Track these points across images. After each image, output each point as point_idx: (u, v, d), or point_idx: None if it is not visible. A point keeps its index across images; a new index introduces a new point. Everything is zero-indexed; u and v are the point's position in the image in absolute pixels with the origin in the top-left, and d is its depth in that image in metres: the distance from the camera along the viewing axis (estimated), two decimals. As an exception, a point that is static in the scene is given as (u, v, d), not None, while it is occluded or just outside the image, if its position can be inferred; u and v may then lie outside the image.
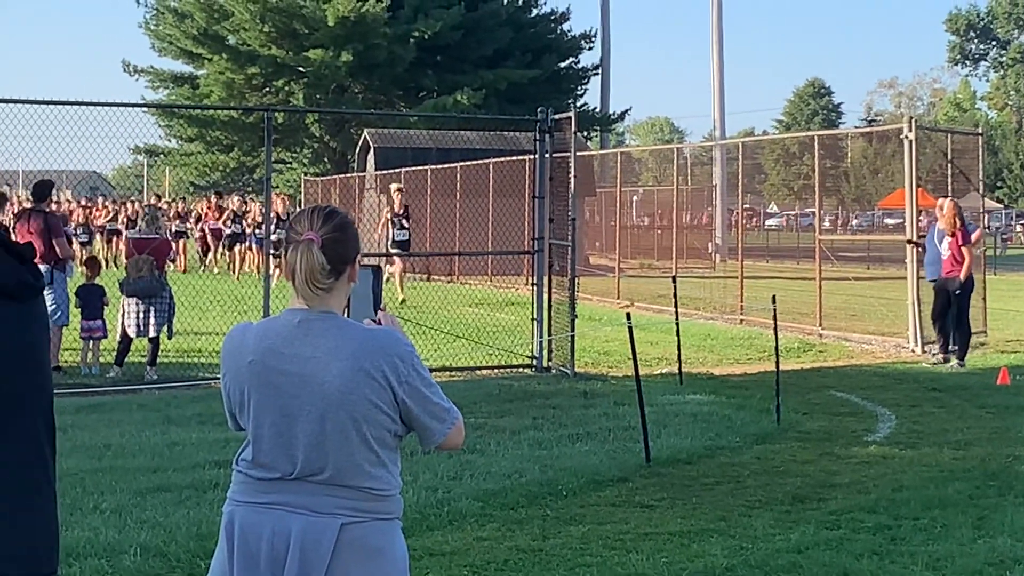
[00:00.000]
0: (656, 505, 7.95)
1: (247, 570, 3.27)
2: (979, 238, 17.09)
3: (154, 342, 13.43)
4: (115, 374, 13.50)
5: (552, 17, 51.27)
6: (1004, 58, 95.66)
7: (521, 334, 16.42)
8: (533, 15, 50.86)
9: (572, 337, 14.07)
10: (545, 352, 14.62)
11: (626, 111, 55.86)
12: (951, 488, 8.28)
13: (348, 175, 39.52)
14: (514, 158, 28.09)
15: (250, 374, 3.32)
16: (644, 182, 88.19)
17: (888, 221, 64.51)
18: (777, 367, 11.37)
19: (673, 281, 14.53)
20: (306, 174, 48.59)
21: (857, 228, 73.40)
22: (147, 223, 14.47)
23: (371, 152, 35.19)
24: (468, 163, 30.26)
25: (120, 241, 30.35)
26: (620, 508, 7.87)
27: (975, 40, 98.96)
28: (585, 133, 47.71)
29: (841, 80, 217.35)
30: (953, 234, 15.18)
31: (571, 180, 14.31)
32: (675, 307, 14.20)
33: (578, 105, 48.31)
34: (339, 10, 43.15)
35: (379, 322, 3.50)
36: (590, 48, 51.80)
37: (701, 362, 15.43)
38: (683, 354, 13.86)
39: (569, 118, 14.68)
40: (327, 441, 3.25)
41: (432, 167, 31.58)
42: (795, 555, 6.68)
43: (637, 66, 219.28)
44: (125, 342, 13.57)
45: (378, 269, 3.61)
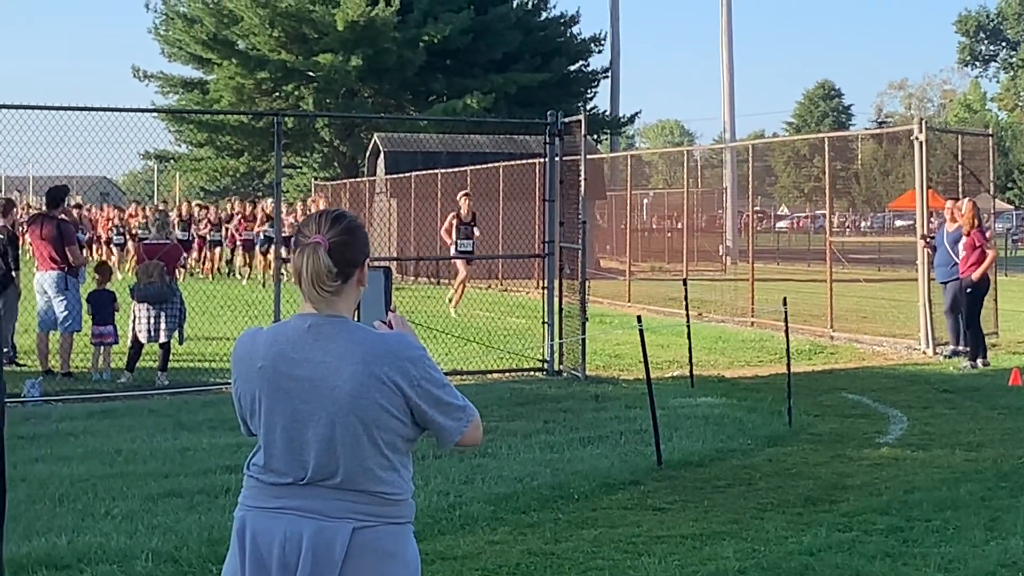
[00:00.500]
0: (668, 508, 7.94)
1: (259, 575, 3.27)
2: (988, 239, 17.12)
3: (165, 347, 13.45)
4: (126, 379, 13.52)
5: (561, 20, 51.33)
6: (1014, 59, 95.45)
7: (532, 338, 16.41)
8: (542, 18, 50.91)
9: (583, 340, 14.06)
10: (556, 355, 14.62)
11: (636, 114, 56.18)
12: (963, 489, 8.26)
13: (358, 179, 39.56)
14: (524, 161, 28.12)
15: (260, 379, 3.32)
16: (654, 185, 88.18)
17: (899, 223, 64.38)
18: (788, 369, 11.35)
19: (684, 284, 14.51)
20: (316, 178, 48.65)
21: (868, 229, 73.24)
22: (157, 228, 14.51)
23: (381, 156, 35.25)
24: (478, 167, 30.27)
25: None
26: (632, 511, 7.86)
27: (985, 41, 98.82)
28: (595, 136, 47.77)
29: (851, 82, 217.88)
30: (969, 233, 15.20)
31: (581, 183, 14.30)
32: (686, 310, 14.18)
33: (588, 108, 48.39)
34: (348, 14, 43.24)
35: (390, 324, 3.47)
36: (600, 51, 51.93)
37: (712, 365, 15.41)
38: (694, 357, 13.85)
39: (579, 121, 14.68)
40: (338, 446, 3.24)
41: (442, 171, 31.62)
42: (807, 557, 6.67)
43: (647, 69, 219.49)
44: (136, 347, 13.58)
45: (388, 271, 3.58)
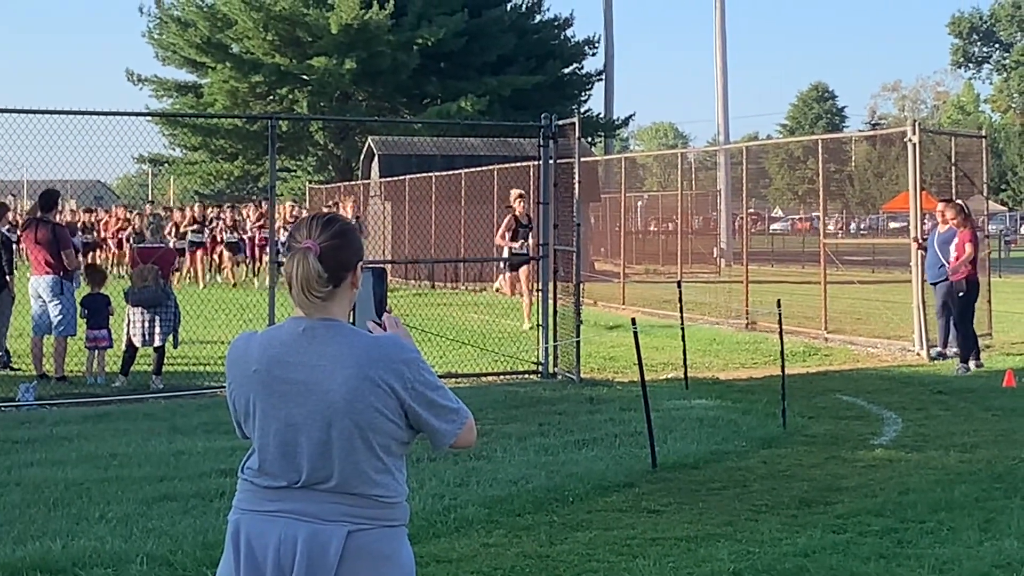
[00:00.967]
0: (663, 510, 7.94)
1: (253, 578, 3.27)
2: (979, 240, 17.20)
3: (159, 351, 13.44)
4: (121, 383, 13.50)
5: (555, 23, 51.37)
6: (1007, 61, 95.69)
7: (526, 340, 16.40)
8: (536, 21, 50.94)
9: (578, 343, 14.06)
10: (551, 358, 14.62)
11: (630, 116, 55.99)
12: (957, 491, 8.26)
13: (353, 182, 39.55)
14: (518, 164, 28.12)
15: (255, 383, 3.32)
16: (648, 187, 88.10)
17: (892, 224, 64.47)
18: (783, 371, 11.36)
19: (678, 286, 14.51)
20: (311, 182, 48.65)
21: (860, 232, 73.36)
22: (151, 232, 14.50)
23: (375, 159, 35.24)
24: (472, 169, 30.29)
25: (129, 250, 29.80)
26: (627, 513, 7.86)
27: (978, 43, 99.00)
28: (589, 139, 47.77)
29: (844, 84, 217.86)
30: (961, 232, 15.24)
31: (575, 186, 14.30)
32: (680, 312, 14.18)
33: (582, 111, 48.38)
34: (342, 17, 43.25)
35: (383, 326, 3.47)
36: (594, 54, 52.00)
37: (707, 367, 15.41)
38: (689, 359, 13.86)
39: (573, 124, 14.67)
40: (333, 449, 3.25)
41: (436, 174, 31.62)
42: (802, 559, 6.68)
43: (641, 71, 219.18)
44: (130, 351, 13.57)
45: (383, 272, 3.58)
